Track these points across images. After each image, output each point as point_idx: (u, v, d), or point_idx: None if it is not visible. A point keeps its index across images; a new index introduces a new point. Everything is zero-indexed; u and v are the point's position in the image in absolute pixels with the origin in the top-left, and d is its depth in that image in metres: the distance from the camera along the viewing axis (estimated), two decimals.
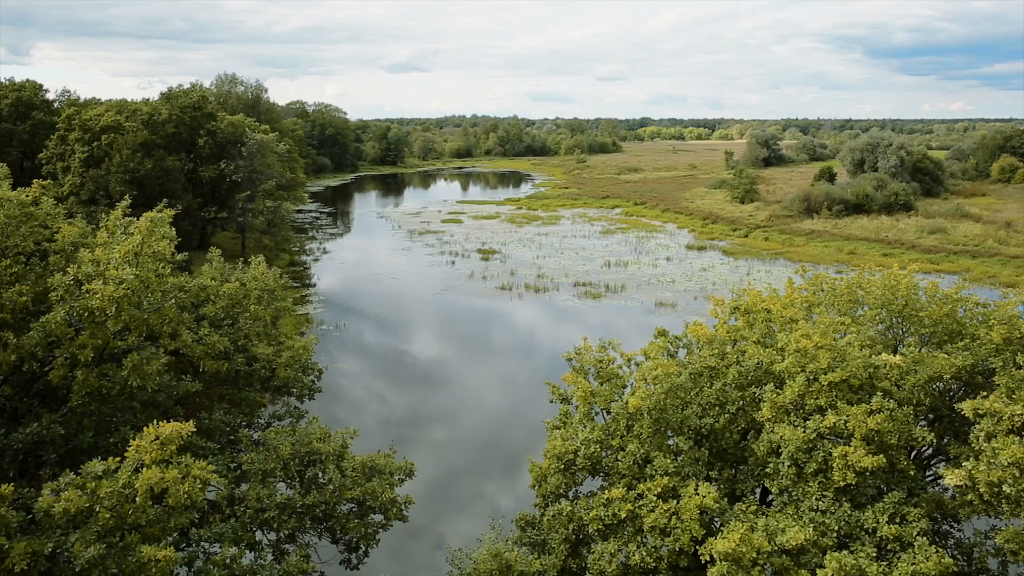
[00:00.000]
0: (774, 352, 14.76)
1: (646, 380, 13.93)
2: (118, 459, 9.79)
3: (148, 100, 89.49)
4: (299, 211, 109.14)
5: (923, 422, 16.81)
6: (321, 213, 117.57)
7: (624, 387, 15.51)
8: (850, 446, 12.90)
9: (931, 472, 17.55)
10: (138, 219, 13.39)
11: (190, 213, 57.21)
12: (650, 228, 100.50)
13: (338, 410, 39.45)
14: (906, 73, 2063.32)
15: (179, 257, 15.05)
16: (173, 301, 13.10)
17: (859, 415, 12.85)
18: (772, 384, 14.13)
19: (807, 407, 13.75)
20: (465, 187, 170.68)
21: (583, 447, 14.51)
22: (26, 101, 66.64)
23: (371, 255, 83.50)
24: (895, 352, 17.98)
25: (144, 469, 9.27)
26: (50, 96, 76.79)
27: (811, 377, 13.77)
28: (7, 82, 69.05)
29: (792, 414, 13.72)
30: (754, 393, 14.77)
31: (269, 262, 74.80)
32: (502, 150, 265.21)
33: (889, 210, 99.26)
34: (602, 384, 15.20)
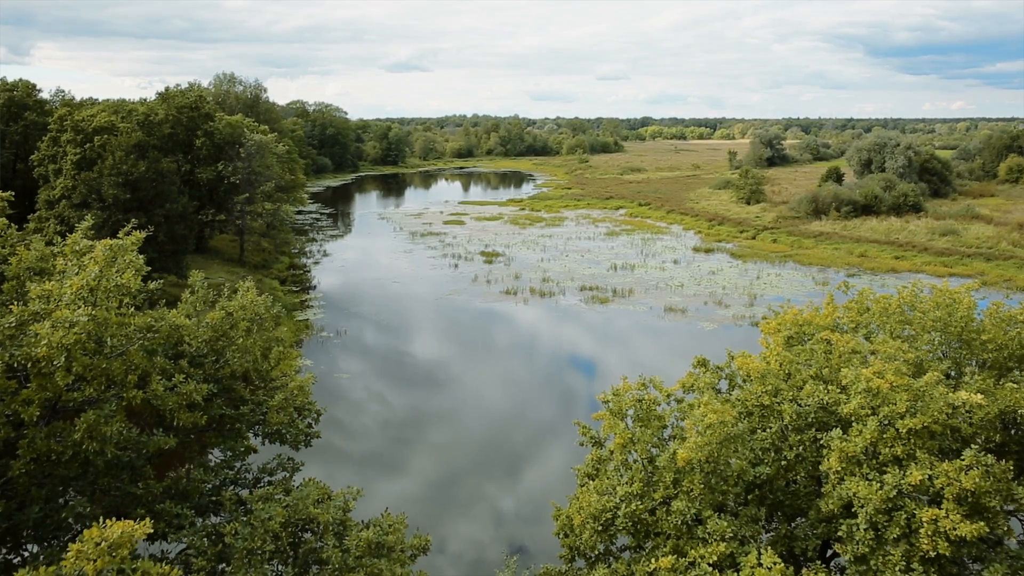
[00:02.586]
0: (837, 391, 13.05)
1: (698, 430, 12.11)
2: (53, 569, 7.95)
3: (145, 100, 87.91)
4: (299, 212, 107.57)
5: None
6: (321, 214, 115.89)
7: (664, 427, 13.79)
8: (940, 507, 11.20)
9: None
10: (116, 238, 11.45)
11: (186, 216, 55.54)
12: (655, 230, 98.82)
13: (338, 410, 38.37)
14: (907, 72, 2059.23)
15: (152, 285, 13.07)
16: (140, 343, 11.37)
17: (951, 472, 11.14)
18: (838, 429, 12.41)
19: (881, 456, 12.02)
20: (467, 187, 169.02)
21: (623, 504, 12.76)
22: (18, 101, 64.88)
23: (372, 257, 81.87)
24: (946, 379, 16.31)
25: None
26: (45, 96, 75.21)
27: (885, 422, 12.06)
28: None
29: (864, 465, 12.00)
30: (814, 437, 13.06)
31: (268, 265, 73.27)
32: (503, 150, 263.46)
33: (898, 211, 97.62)
34: (641, 427, 13.42)
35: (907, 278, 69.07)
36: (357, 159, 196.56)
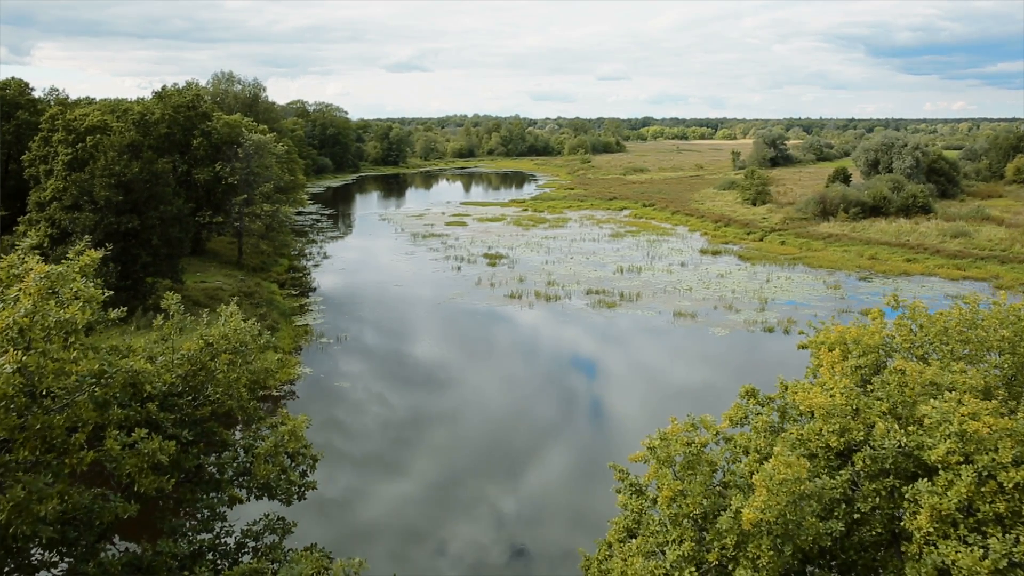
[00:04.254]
0: (918, 432, 11.36)
1: (769, 488, 10.33)
2: None
3: (142, 99, 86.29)
4: (298, 213, 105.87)
5: None
6: (322, 215, 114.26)
7: (715, 472, 12.10)
8: None
9: None
10: (67, 259, 9.47)
11: (182, 218, 53.95)
12: (661, 231, 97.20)
13: (339, 414, 36.68)
14: (908, 72, 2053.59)
15: (112, 314, 10.96)
16: (89, 394, 9.57)
17: None
18: (925, 479, 10.71)
19: (980, 514, 10.34)
20: (468, 188, 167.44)
21: (676, 571, 11.05)
22: (10, 100, 63.38)
23: (373, 259, 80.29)
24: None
25: None
26: (38, 94, 73.66)
27: (984, 473, 10.40)
28: None
29: (961, 525, 10.34)
30: (892, 486, 11.39)
31: (267, 267, 71.58)
32: (505, 150, 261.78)
33: (907, 212, 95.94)
34: (688, 475, 11.66)
35: (920, 281, 67.46)
36: (358, 159, 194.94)
